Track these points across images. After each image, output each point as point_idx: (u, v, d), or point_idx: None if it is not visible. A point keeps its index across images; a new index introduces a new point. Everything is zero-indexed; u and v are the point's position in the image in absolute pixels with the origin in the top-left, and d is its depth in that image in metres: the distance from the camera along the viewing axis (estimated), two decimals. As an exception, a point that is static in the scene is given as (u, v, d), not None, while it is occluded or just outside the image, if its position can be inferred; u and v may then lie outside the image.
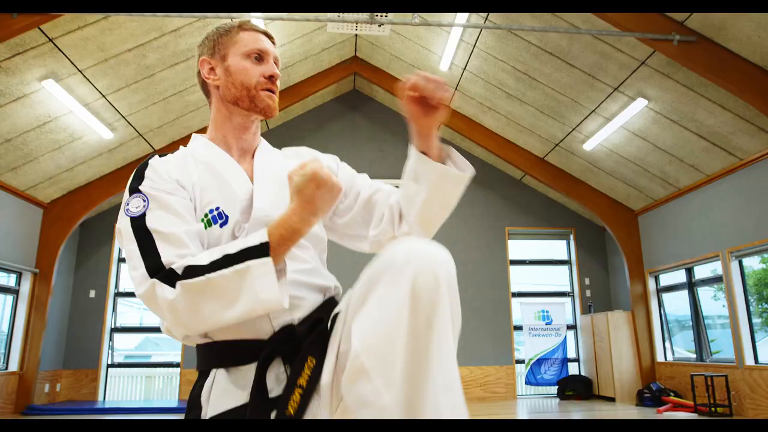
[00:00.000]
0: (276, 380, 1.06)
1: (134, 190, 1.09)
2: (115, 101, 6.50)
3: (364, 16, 5.99)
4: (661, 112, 6.42)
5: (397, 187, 1.29)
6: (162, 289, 0.99)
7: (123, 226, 1.07)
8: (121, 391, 8.72)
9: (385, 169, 8.60)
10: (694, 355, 7.56)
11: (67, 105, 6.09)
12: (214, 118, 1.27)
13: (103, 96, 6.33)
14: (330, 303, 1.18)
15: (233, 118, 1.25)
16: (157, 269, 1.01)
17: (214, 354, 1.12)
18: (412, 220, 1.22)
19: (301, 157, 1.31)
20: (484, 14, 6.30)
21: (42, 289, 7.32)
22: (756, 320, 6.54)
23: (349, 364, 0.88)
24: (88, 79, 6.02)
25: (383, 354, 0.84)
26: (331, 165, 1.32)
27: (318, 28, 7.16)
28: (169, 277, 1.00)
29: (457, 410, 0.84)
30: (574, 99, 6.95)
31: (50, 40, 5.38)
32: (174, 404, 7.64)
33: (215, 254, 1.01)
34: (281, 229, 1.03)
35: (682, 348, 8.08)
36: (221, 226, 1.11)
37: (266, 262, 0.98)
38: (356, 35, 7.90)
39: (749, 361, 6.32)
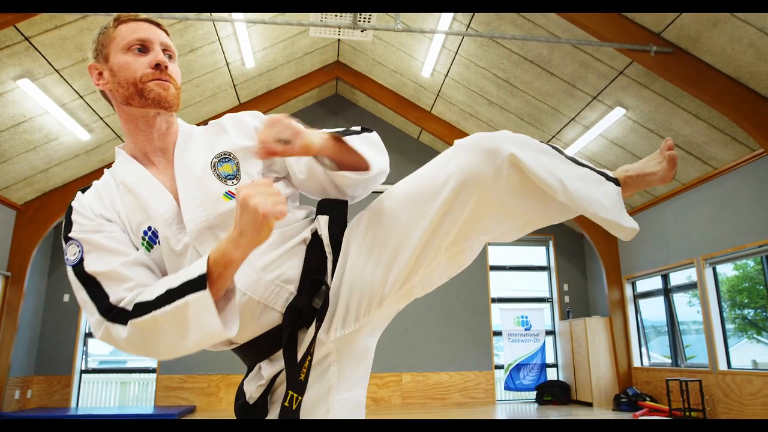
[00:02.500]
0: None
1: (66, 238, 1.10)
2: (93, 102, 6.39)
3: (347, 21, 5.99)
4: (638, 121, 6.53)
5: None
6: (116, 329, 1.01)
7: (69, 275, 1.09)
8: (95, 397, 8.53)
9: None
10: (670, 360, 7.68)
11: (43, 105, 5.97)
12: (122, 126, 1.20)
13: (81, 96, 6.22)
14: (315, 248, 1.17)
15: (136, 120, 1.16)
16: (108, 310, 1.02)
17: (246, 353, 1.17)
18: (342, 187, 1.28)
19: (223, 128, 1.23)
20: (466, 22, 6.35)
21: (14, 293, 7.14)
22: (729, 326, 6.68)
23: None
24: (65, 79, 5.91)
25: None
26: (256, 124, 1.24)
27: (300, 32, 7.15)
28: (120, 316, 1.01)
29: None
30: (554, 107, 7.04)
31: (26, 38, 5.27)
32: (150, 411, 7.51)
33: (161, 288, 1.00)
34: (219, 256, 0.97)
35: (658, 353, 8.21)
36: (160, 244, 1.10)
37: (204, 296, 0.95)
38: (339, 40, 7.90)
39: (722, 366, 6.44)
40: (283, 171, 1.27)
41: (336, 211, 1.22)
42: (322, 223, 1.20)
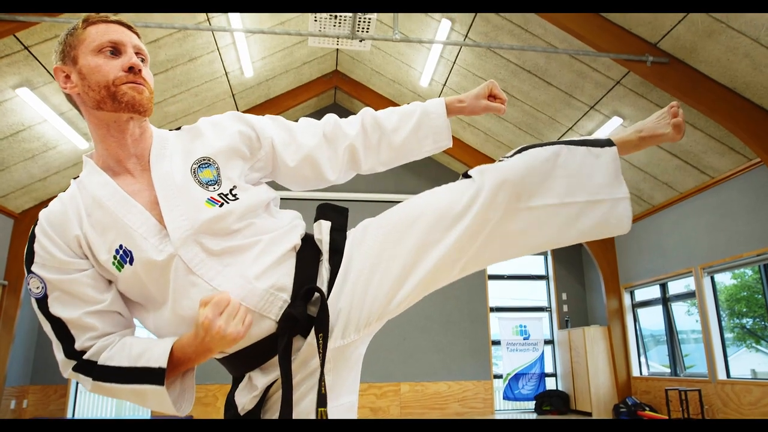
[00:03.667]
0: (301, 362, 1.10)
1: (29, 270, 1.07)
2: (91, 111, 6.40)
3: (345, 31, 6.03)
4: (635, 130, 6.56)
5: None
6: (80, 378, 1.07)
7: (33, 305, 1.09)
8: (92, 407, 8.47)
9: (363, 183, 8.61)
10: (669, 370, 7.65)
11: (42, 114, 5.98)
12: (92, 133, 1.13)
13: (80, 105, 6.24)
14: (306, 254, 1.16)
15: (108, 126, 1.10)
16: (73, 355, 1.06)
17: (236, 362, 1.14)
18: (381, 162, 1.31)
19: (199, 132, 1.19)
20: (464, 32, 6.39)
21: (10, 302, 7.11)
22: (728, 335, 6.66)
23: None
24: (64, 88, 5.92)
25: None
26: (242, 129, 1.19)
27: (299, 41, 7.18)
28: (85, 368, 1.06)
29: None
30: (551, 116, 7.07)
31: (26, 47, 5.30)
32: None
33: (123, 357, 1.04)
34: (184, 357, 1.04)
35: (657, 362, 8.19)
36: (130, 263, 1.06)
37: (160, 390, 1.01)
38: (337, 50, 7.94)
39: (721, 375, 6.42)
40: (266, 169, 1.24)
41: (338, 218, 1.22)
42: (324, 229, 1.19)
